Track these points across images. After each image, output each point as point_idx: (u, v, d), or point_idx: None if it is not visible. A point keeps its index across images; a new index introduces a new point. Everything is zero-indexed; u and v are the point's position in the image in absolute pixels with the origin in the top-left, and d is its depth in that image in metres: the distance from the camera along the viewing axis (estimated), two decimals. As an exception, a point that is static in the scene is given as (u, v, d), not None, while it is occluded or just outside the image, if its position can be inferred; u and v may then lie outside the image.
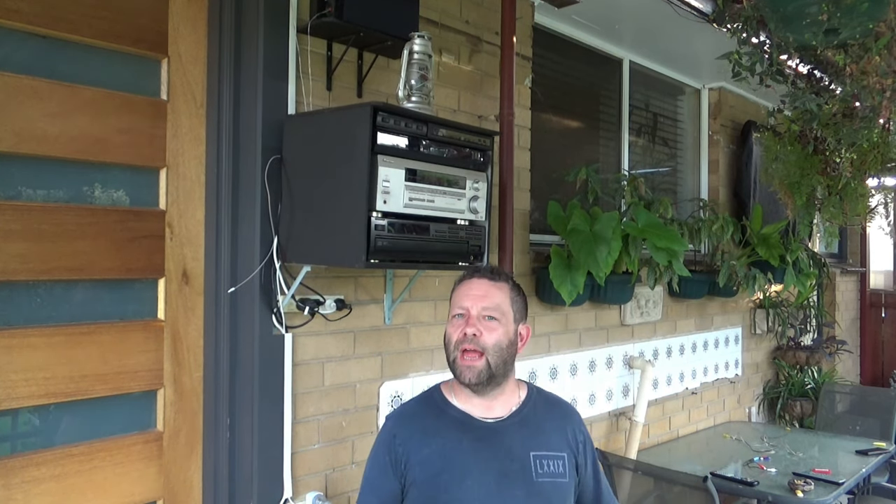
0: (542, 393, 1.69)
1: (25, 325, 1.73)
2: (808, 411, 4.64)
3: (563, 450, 1.58)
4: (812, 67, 2.32)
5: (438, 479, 1.50)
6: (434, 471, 1.51)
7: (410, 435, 1.56)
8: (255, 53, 1.98)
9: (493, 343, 1.52)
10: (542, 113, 3.12)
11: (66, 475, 1.78)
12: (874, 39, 1.98)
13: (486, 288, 1.56)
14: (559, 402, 1.71)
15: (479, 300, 1.55)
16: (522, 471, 1.52)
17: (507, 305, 1.57)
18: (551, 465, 1.54)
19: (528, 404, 1.62)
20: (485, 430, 1.55)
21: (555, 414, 1.64)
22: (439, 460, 1.52)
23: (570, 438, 1.61)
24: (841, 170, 2.94)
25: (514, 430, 1.57)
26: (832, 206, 3.02)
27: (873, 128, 2.37)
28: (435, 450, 1.53)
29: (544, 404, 1.65)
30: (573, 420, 1.66)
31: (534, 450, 1.55)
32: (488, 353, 1.52)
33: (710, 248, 4.01)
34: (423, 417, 1.59)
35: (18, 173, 1.73)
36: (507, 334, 1.55)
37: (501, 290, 1.58)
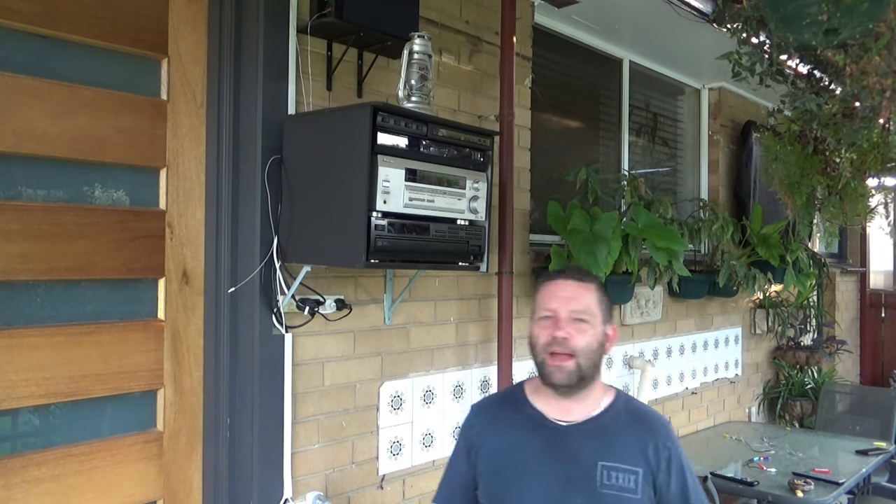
0: (630, 403, 1.61)
1: (25, 325, 1.73)
2: (808, 411, 4.64)
3: (638, 465, 1.49)
4: (812, 67, 2.32)
5: (503, 474, 1.54)
6: (500, 465, 1.55)
7: (486, 426, 1.61)
8: (255, 53, 1.98)
9: (583, 345, 1.49)
10: (542, 113, 3.12)
11: (66, 475, 1.78)
12: (874, 39, 1.98)
13: (573, 289, 1.53)
14: (647, 414, 1.60)
15: (568, 302, 1.51)
16: (586, 479, 1.48)
17: (595, 307, 1.53)
18: (620, 479, 1.47)
19: (609, 412, 1.56)
20: (555, 433, 1.53)
21: (637, 426, 1.55)
22: (506, 455, 1.55)
23: (651, 454, 1.51)
24: (841, 170, 2.94)
25: (586, 437, 1.52)
26: (832, 206, 3.02)
27: (873, 128, 2.37)
28: (504, 445, 1.57)
29: (628, 414, 1.57)
30: (657, 435, 1.53)
31: (603, 459, 1.49)
32: (578, 356, 1.49)
33: (710, 248, 4.01)
34: (501, 411, 1.62)
35: (18, 173, 1.73)
36: (596, 336, 1.51)
37: (589, 291, 1.54)
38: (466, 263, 2.03)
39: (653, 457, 1.50)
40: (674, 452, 1.53)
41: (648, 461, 1.50)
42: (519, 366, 2.83)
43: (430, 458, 2.50)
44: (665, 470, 1.50)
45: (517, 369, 2.80)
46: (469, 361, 2.65)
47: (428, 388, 2.49)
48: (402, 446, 2.40)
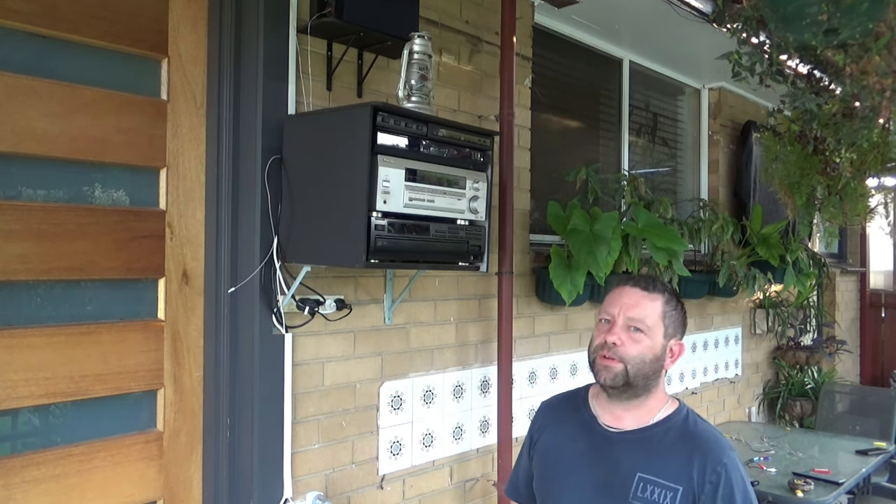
0: (689, 419, 1.52)
1: (25, 325, 1.73)
2: (808, 411, 4.65)
3: (679, 483, 1.42)
4: (812, 67, 2.32)
5: (549, 471, 1.59)
6: (549, 462, 1.60)
7: (547, 423, 1.66)
8: (255, 53, 1.98)
9: (634, 355, 1.46)
10: (542, 113, 3.12)
11: (66, 475, 1.78)
12: (874, 39, 1.98)
13: (637, 298, 1.50)
14: (703, 433, 1.49)
15: (628, 309, 1.49)
16: (621, 487, 1.45)
17: (656, 318, 1.49)
18: (656, 494, 1.42)
19: (661, 425, 1.50)
20: (602, 438, 1.53)
21: (688, 444, 1.47)
22: (554, 453, 1.60)
23: (696, 475, 1.42)
24: (841, 170, 2.94)
25: (630, 446, 1.49)
26: (832, 206, 3.01)
27: (873, 128, 2.37)
28: (555, 442, 1.60)
29: (682, 431, 1.49)
30: (709, 456, 1.44)
31: (642, 471, 1.45)
32: (627, 363, 1.46)
33: (710, 248, 4.01)
34: (563, 410, 1.65)
35: (18, 173, 1.73)
36: (652, 349, 1.47)
37: (653, 303, 1.49)
38: (466, 263, 2.03)
39: (697, 477, 1.42)
40: (726, 478, 1.41)
41: (692, 481, 1.42)
42: (519, 366, 2.83)
43: (430, 458, 2.50)
44: (710, 494, 1.41)
45: (517, 369, 2.80)
46: (469, 361, 2.65)
47: (428, 388, 2.49)
48: (402, 446, 2.40)
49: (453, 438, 2.59)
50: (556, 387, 3.04)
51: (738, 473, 1.43)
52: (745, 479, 1.44)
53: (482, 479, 2.70)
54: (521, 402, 2.88)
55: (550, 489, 1.57)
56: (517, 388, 2.83)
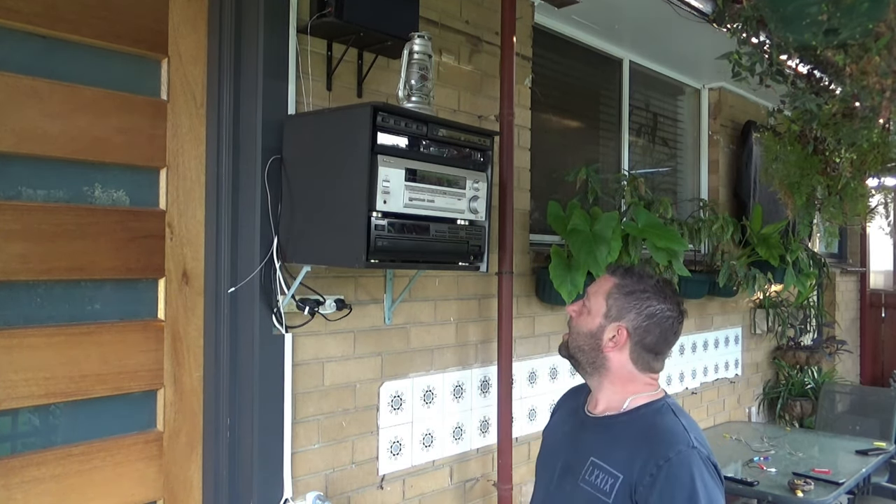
0: (660, 412, 1.49)
1: (25, 325, 1.73)
2: (808, 411, 4.65)
3: (621, 471, 1.42)
4: (812, 67, 2.32)
5: (541, 451, 1.72)
6: (544, 443, 1.73)
7: (560, 405, 1.78)
8: (255, 53, 1.98)
9: (574, 326, 1.58)
10: (542, 113, 3.12)
11: (66, 475, 1.78)
12: (874, 39, 1.98)
13: (601, 278, 1.60)
14: (660, 427, 1.46)
15: (589, 287, 1.60)
16: (577, 469, 1.51)
17: (600, 296, 1.53)
18: (600, 479, 1.45)
19: (629, 415, 1.51)
20: (579, 422, 1.61)
21: (642, 436, 1.45)
22: (549, 435, 1.72)
23: (638, 466, 1.40)
24: (841, 170, 2.94)
25: (594, 431, 1.54)
26: (832, 206, 3.01)
27: (873, 128, 2.37)
28: (553, 425, 1.74)
29: (644, 423, 1.48)
30: (654, 450, 1.41)
31: (595, 456, 1.49)
32: (571, 334, 1.59)
33: (710, 248, 4.01)
34: (573, 396, 1.73)
35: (18, 173, 1.73)
36: (588, 324, 1.53)
37: (606, 282, 1.55)
38: (466, 263, 2.03)
39: (638, 468, 1.40)
40: (667, 473, 1.36)
41: (632, 471, 1.40)
42: (519, 366, 2.83)
43: (430, 458, 2.50)
44: (647, 486, 1.37)
45: (517, 369, 2.80)
46: (469, 361, 2.65)
47: (428, 388, 2.49)
48: (402, 446, 2.40)
49: (453, 438, 2.59)
50: (556, 387, 3.03)
51: (685, 470, 1.36)
52: (694, 478, 1.35)
53: (482, 479, 2.70)
54: (521, 402, 2.88)
55: (539, 469, 1.69)
56: (517, 388, 2.83)
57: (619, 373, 1.53)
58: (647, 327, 1.50)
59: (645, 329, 1.50)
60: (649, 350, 1.51)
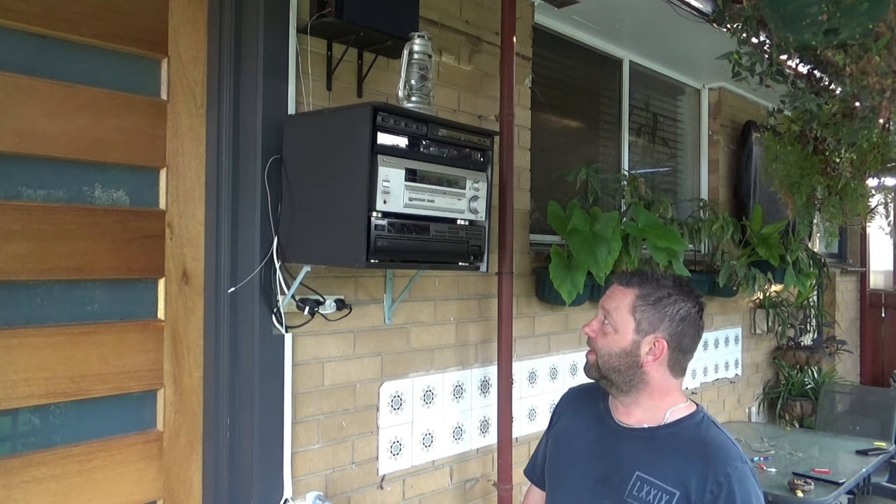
0: (703, 426, 1.47)
1: (25, 325, 1.73)
2: (808, 411, 4.64)
3: (676, 487, 1.38)
4: (812, 67, 2.32)
5: (559, 457, 1.62)
6: (560, 448, 1.63)
7: (566, 409, 1.69)
8: (255, 53, 1.98)
9: (600, 346, 1.49)
10: (542, 113, 3.12)
11: (66, 475, 1.78)
12: (874, 39, 1.98)
13: (613, 290, 1.51)
14: (712, 442, 1.43)
15: (605, 301, 1.52)
16: (619, 483, 1.44)
17: (624, 312, 1.47)
18: (651, 495, 1.39)
19: (671, 427, 1.47)
20: (610, 432, 1.52)
21: (695, 449, 1.42)
22: (566, 441, 1.61)
23: (697, 482, 1.36)
24: (841, 170, 2.94)
25: (635, 444, 1.47)
26: (832, 206, 3.01)
27: (873, 128, 2.37)
28: (569, 430, 1.62)
29: (692, 436, 1.45)
30: (715, 466, 1.38)
31: (642, 470, 1.43)
32: (598, 355, 1.50)
33: (710, 248, 4.01)
34: (584, 398, 1.65)
35: (18, 173, 1.73)
36: (618, 342, 1.46)
37: (625, 296, 1.48)
38: (466, 263, 2.03)
39: (697, 485, 1.36)
40: (728, 490, 1.34)
41: (689, 488, 1.37)
42: (519, 366, 2.83)
43: (430, 458, 2.50)
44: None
45: (517, 369, 2.80)
46: (469, 361, 2.65)
47: (428, 388, 2.49)
48: (402, 446, 2.40)
49: (453, 438, 2.59)
50: (556, 387, 3.04)
51: (744, 487, 1.36)
52: (752, 497, 1.36)
53: (482, 479, 2.70)
54: (521, 402, 2.88)
55: (557, 475, 1.60)
56: (517, 388, 2.83)
57: (658, 385, 1.48)
58: (683, 330, 1.48)
59: (681, 333, 1.47)
60: (686, 351, 1.50)
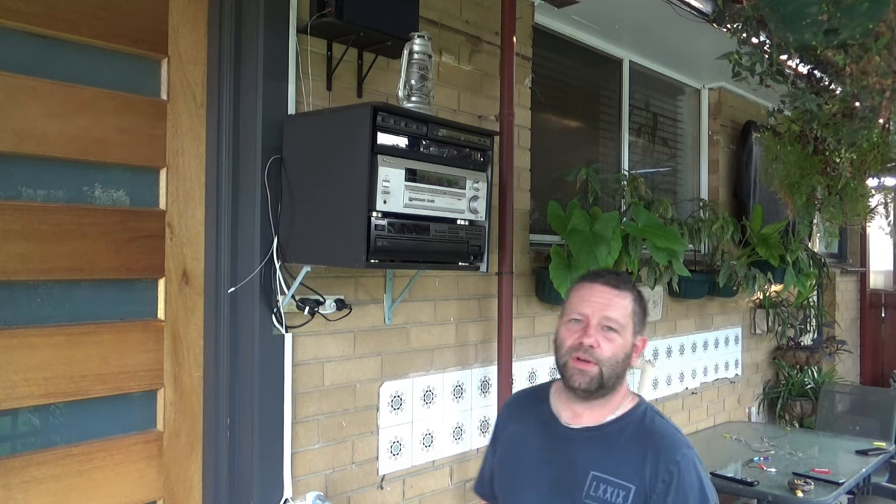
0: (647, 417, 1.50)
1: (25, 325, 1.73)
2: (808, 411, 4.64)
3: (632, 481, 1.40)
4: (812, 67, 2.32)
5: (506, 467, 1.59)
6: (506, 458, 1.60)
7: (510, 418, 1.65)
8: (255, 53, 1.98)
9: (609, 356, 1.45)
10: (542, 113, 3.12)
11: (66, 475, 1.78)
12: (874, 39, 1.98)
13: (609, 297, 1.47)
14: (660, 431, 1.46)
15: (601, 309, 1.46)
16: (575, 486, 1.43)
17: (627, 317, 1.47)
18: (609, 493, 1.40)
19: (619, 422, 1.48)
20: (559, 435, 1.51)
21: (643, 441, 1.44)
22: (512, 449, 1.59)
23: (650, 472, 1.39)
24: (841, 170, 2.94)
25: (586, 444, 1.47)
26: (832, 206, 3.01)
27: (873, 128, 2.37)
28: (514, 437, 1.60)
29: (639, 428, 1.47)
30: (663, 455, 1.41)
31: (596, 469, 1.43)
32: (602, 365, 1.44)
33: (710, 248, 4.01)
34: (525, 405, 1.64)
35: (18, 173, 1.73)
36: (624, 347, 1.46)
37: (624, 301, 1.48)
38: (466, 263, 2.03)
39: (650, 476, 1.39)
40: (679, 478, 1.38)
41: (643, 479, 1.39)
42: (519, 366, 2.83)
43: (430, 458, 2.50)
44: (661, 493, 1.38)
45: (517, 369, 2.80)
46: (469, 361, 2.65)
47: (428, 388, 2.49)
48: (402, 446, 2.40)
49: (453, 438, 2.59)
50: (556, 387, 3.03)
51: (692, 472, 1.40)
52: (701, 479, 1.40)
53: (482, 479, 2.70)
54: (521, 402, 2.87)
55: (510, 486, 1.55)
56: (517, 388, 2.82)
57: (626, 381, 1.52)
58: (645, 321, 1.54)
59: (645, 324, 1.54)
60: None
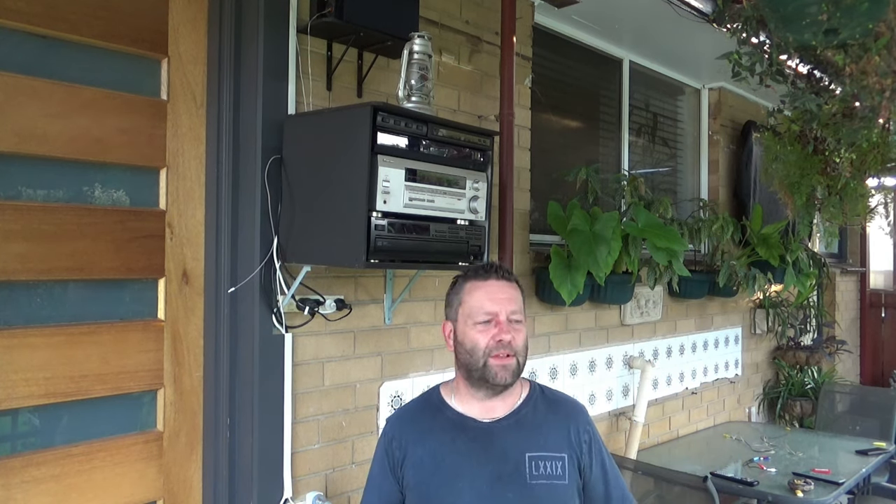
0: (545, 391, 1.64)
1: (25, 325, 1.73)
2: (808, 411, 4.64)
3: (562, 450, 1.52)
4: (812, 67, 2.32)
5: (430, 481, 1.51)
6: (427, 473, 1.52)
7: (406, 437, 1.57)
8: (255, 53, 1.98)
9: (521, 346, 1.53)
10: (542, 113, 3.12)
11: (66, 475, 1.78)
12: (874, 39, 1.98)
13: (508, 290, 1.54)
14: (563, 400, 1.64)
15: (506, 304, 1.52)
16: (517, 472, 1.48)
17: (523, 305, 1.57)
18: (548, 467, 1.49)
19: (528, 403, 1.58)
20: (479, 431, 1.53)
21: (557, 413, 1.58)
22: (431, 462, 1.52)
23: (573, 438, 1.54)
24: (841, 170, 2.94)
25: (510, 431, 1.53)
26: (832, 206, 3.01)
27: (873, 128, 2.36)
28: (428, 451, 1.53)
29: (546, 403, 1.60)
30: (577, 419, 1.58)
31: (529, 450, 1.50)
32: (518, 356, 1.52)
33: (710, 248, 4.01)
34: (420, 419, 1.60)
35: (18, 173, 1.73)
36: (526, 333, 1.56)
37: (518, 291, 1.57)
38: (466, 263, 2.03)
39: (574, 440, 1.54)
40: (593, 436, 1.58)
41: (571, 445, 1.54)
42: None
43: (430, 458, 2.50)
44: (587, 453, 1.55)
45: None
46: (469, 361, 2.64)
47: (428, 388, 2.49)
48: (402, 446, 2.40)
49: (453, 438, 2.58)
50: (556, 387, 3.03)
51: (596, 429, 1.61)
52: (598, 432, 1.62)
53: (482, 479, 2.70)
54: (521, 402, 2.87)
55: (438, 499, 1.50)
56: (517, 388, 2.82)
57: None
58: None
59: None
60: None
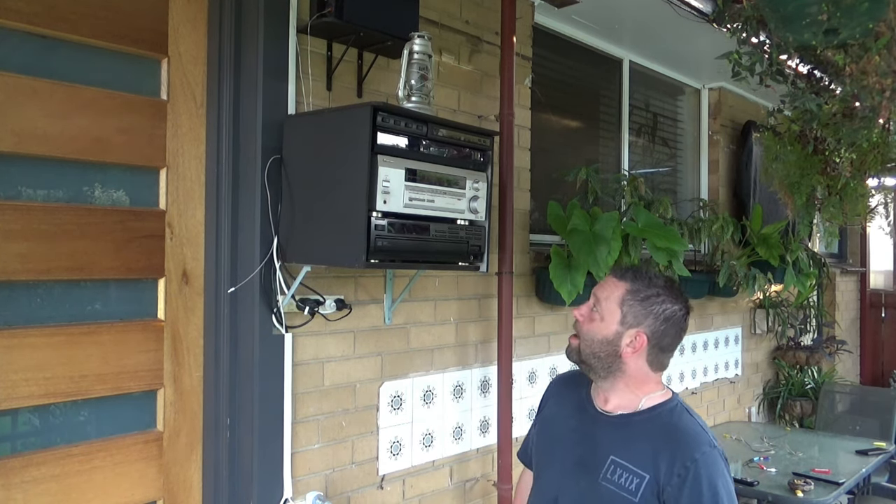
0: (675, 412, 1.52)
1: (25, 325, 1.73)
2: (808, 411, 4.65)
3: (647, 471, 1.44)
4: (812, 67, 2.32)
5: (543, 442, 1.70)
6: (545, 433, 1.71)
7: (552, 396, 1.76)
8: (255, 53, 1.98)
9: (585, 331, 1.55)
10: (542, 113, 3.12)
11: (66, 475, 1.78)
12: (874, 39, 1.98)
13: (608, 282, 1.58)
14: (681, 427, 1.49)
15: (597, 291, 1.58)
16: (595, 467, 1.51)
17: (613, 302, 1.52)
18: (624, 478, 1.46)
19: (645, 414, 1.52)
20: (589, 418, 1.59)
21: (663, 437, 1.47)
22: (551, 423, 1.69)
23: (664, 465, 1.43)
24: (841, 170, 2.94)
25: (611, 429, 1.54)
26: (832, 206, 3.01)
27: (873, 128, 2.36)
28: (553, 416, 1.70)
29: (663, 422, 1.51)
30: (680, 449, 1.44)
31: (616, 455, 1.49)
32: (581, 339, 1.56)
33: (710, 248, 4.01)
34: (569, 385, 1.72)
35: (18, 173, 1.73)
36: (602, 331, 1.52)
37: (617, 287, 1.54)
38: (466, 263, 2.03)
39: (665, 469, 1.42)
40: (695, 474, 1.40)
41: (658, 471, 1.43)
42: (519, 365, 2.83)
43: (430, 458, 2.50)
44: (676, 487, 1.40)
45: (517, 369, 2.80)
46: (469, 361, 2.65)
47: (428, 388, 2.49)
48: (402, 446, 2.40)
49: (453, 438, 2.59)
50: (556, 387, 3.03)
51: (709, 471, 1.40)
52: (719, 479, 1.41)
53: (482, 479, 2.70)
54: (521, 402, 2.87)
55: (542, 458, 1.68)
56: (517, 388, 2.83)
57: (636, 375, 1.54)
58: (665, 330, 1.52)
59: (662, 332, 1.52)
60: (665, 350, 1.55)
